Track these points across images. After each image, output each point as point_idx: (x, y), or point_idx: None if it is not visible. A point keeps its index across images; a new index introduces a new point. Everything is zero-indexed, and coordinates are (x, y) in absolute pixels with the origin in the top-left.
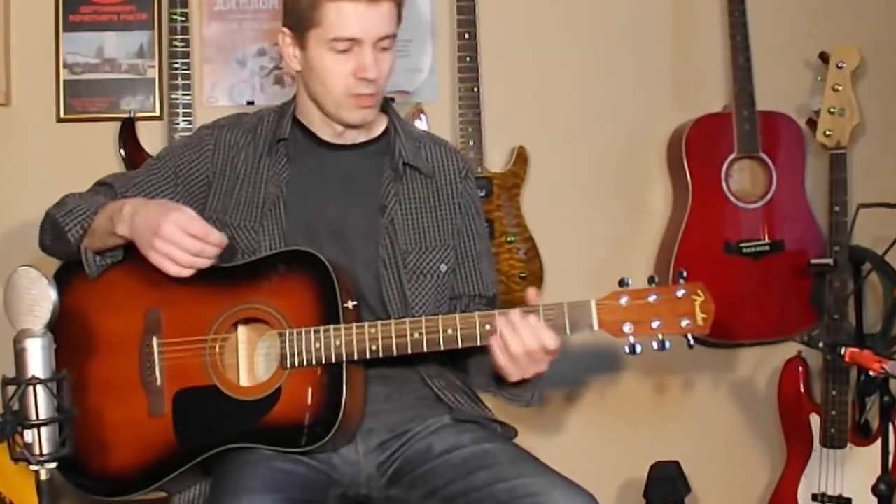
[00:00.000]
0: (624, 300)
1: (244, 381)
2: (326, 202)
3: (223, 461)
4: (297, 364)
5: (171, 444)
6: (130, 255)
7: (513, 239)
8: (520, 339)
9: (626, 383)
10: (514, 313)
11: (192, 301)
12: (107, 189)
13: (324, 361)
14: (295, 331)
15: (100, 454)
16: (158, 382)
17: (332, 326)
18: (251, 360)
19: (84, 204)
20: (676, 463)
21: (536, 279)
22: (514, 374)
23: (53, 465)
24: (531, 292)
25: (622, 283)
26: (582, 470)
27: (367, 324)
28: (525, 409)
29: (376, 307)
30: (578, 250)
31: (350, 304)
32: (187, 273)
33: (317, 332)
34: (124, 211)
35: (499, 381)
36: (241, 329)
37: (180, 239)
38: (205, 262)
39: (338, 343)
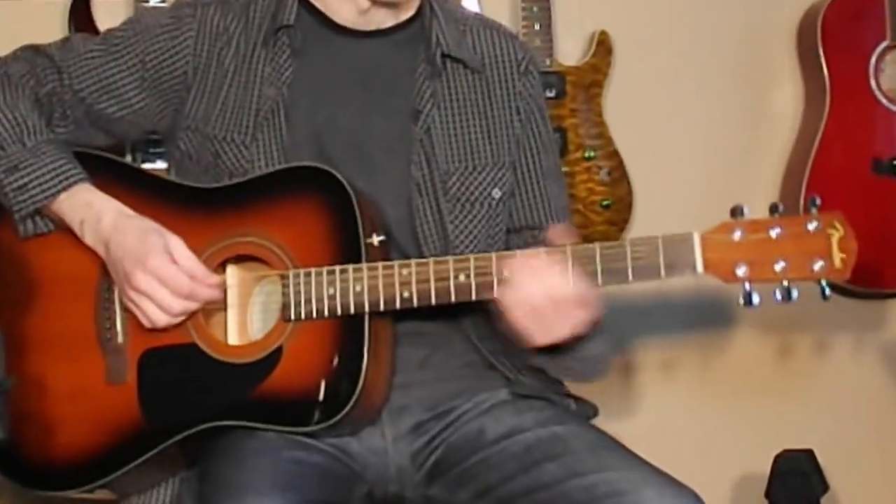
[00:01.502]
0: (737, 234)
1: (233, 339)
2: (341, 108)
3: (213, 449)
4: (303, 316)
5: (135, 421)
6: (88, 169)
7: (592, 154)
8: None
9: (740, 346)
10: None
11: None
12: (44, 65)
13: (339, 312)
14: (302, 272)
15: (42, 436)
16: (120, 340)
17: (350, 266)
18: (243, 310)
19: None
20: (809, 452)
21: (623, 207)
22: (534, 333)
23: None
24: (556, 230)
25: (736, 212)
26: (682, 461)
27: (397, 263)
28: (589, 382)
29: (406, 245)
30: (678, 169)
31: (375, 239)
32: (175, 321)
33: (331, 273)
34: (102, 224)
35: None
36: (231, 270)
37: (158, 294)
38: (195, 306)
39: (358, 288)
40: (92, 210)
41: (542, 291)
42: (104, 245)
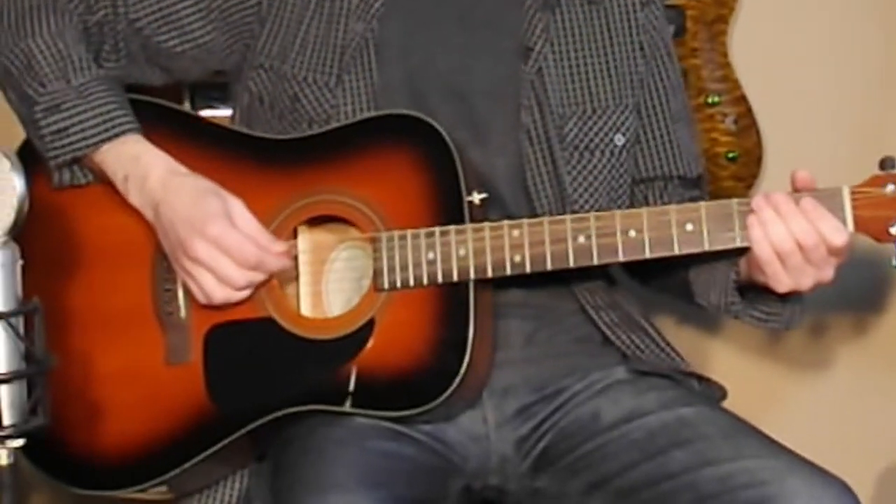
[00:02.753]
0: (890, 188)
1: (308, 311)
2: (439, 47)
3: (290, 439)
4: (398, 284)
5: (201, 408)
6: (142, 120)
7: (716, 100)
8: (785, 229)
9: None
10: (777, 194)
11: (234, 192)
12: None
13: (440, 280)
14: (396, 234)
15: (89, 425)
16: (182, 314)
17: (452, 227)
18: (316, 280)
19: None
20: None
21: (751, 160)
22: (783, 282)
23: (19, 443)
24: (801, 174)
25: (886, 164)
26: (827, 448)
27: (507, 223)
28: (784, 330)
29: (515, 201)
30: (813, 117)
31: (477, 197)
32: (237, 297)
33: (430, 235)
34: (149, 182)
35: (746, 293)
36: (302, 234)
37: (219, 265)
38: (261, 278)
39: (462, 252)
40: (139, 165)
41: (813, 236)
42: (152, 207)
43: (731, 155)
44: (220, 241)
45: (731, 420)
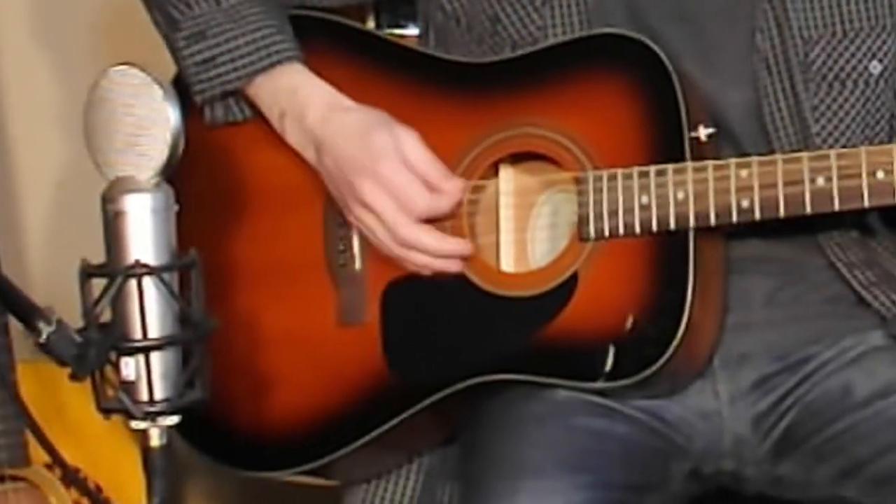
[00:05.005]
0: None
1: (508, 267)
2: None
3: (481, 415)
4: (606, 232)
5: (378, 375)
6: (306, 37)
7: None
8: None
9: None
10: None
11: (422, 124)
12: None
13: (655, 228)
14: (605, 173)
15: (253, 398)
16: (358, 267)
17: (670, 167)
18: (521, 229)
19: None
20: None
21: None
22: None
23: (173, 420)
24: None
25: None
26: None
27: (734, 162)
28: None
29: (751, 139)
30: None
31: (703, 132)
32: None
33: (643, 175)
34: (308, 119)
35: None
36: (505, 173)
37: (387, 212)
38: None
39: (681, 196)
40: (295, 99)
41: None
42: (314, 147)
43: None
44: (388, 182)
45: None
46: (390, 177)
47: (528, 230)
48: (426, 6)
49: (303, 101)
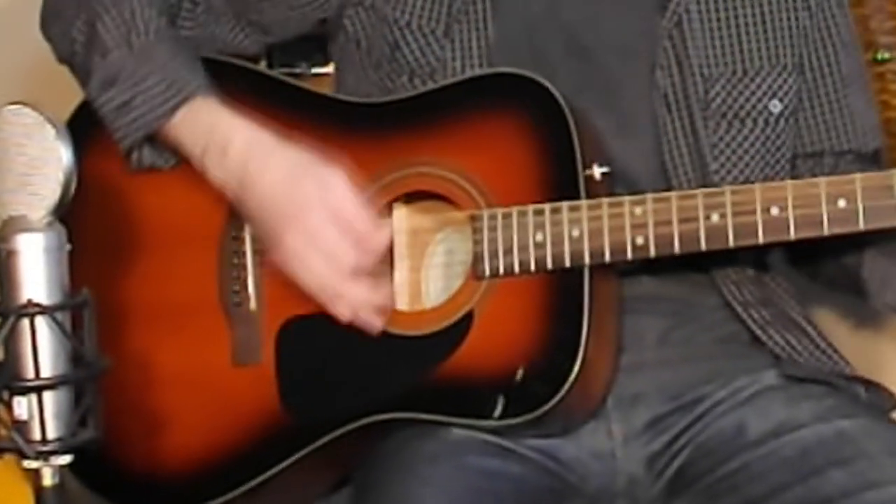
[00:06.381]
0: None
1: (403, 305)
2: None
3: (372, 457)
4: (501, 270)
5: (272, 415)
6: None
7: (886, 56)
8: None
9: None
10: None
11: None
12: None
13: (550, 266)
14: (499, 211)
15: (147, 437)
16: (253, 306)
17: (565, 204)
18: (416, 267)
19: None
20: None
21: None
22: None
23: (66, 459)
24: None
25: None
26: None
27: (628, 199)
28: None
29: (649, 178)
30: None
31: (597, 171)
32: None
33: (538, 213)
34: (230, 153)
35: None
36: (399, 213)
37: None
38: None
39: (576, 233)
40: (216, 134)
41: None
42: (237, 181)
43: None
44: (316, 237)
45: None
46: (318, 231)
47: (422, 269)
48: (333, 27)
49: (223, 135)
